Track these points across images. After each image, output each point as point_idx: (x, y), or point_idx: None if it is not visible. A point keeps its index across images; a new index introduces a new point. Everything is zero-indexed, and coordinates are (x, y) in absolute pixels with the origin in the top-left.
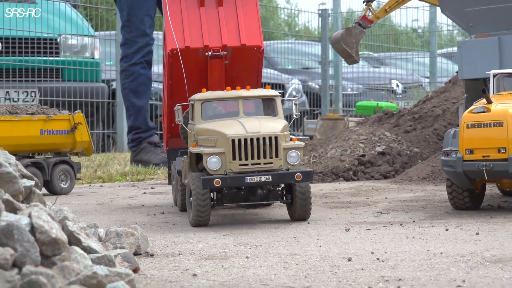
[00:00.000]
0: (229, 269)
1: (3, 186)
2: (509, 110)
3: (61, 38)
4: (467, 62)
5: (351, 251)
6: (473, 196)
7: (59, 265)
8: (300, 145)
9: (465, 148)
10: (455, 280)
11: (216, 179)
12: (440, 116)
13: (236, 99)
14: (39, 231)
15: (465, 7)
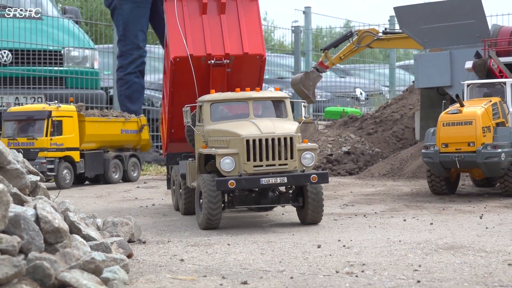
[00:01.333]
0: (213, 255)
1: (12, 181)
2: (477, 111)
3: (65, 50)
4: (422, 73)
5: (321, 239)
6: (449, 184)
7: (61, 251)
8: (314, 147)
9: (441, 142)
10: (412, 265)
11: (231, 181)
12: (399, 120)
13: (246, 100)
14: (43, 221)
15: (421, 25)
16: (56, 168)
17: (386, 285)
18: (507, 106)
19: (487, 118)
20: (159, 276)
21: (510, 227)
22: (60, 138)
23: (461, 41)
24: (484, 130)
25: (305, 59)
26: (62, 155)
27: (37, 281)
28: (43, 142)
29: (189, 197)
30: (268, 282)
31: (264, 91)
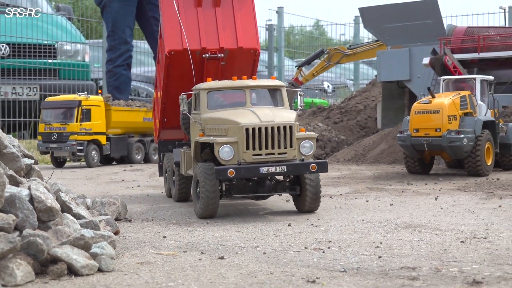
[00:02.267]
0: (193, 232)
1: (8, 164)
2: (444, 102)
3: (58, 44)
4: (384, 68)
5: (291, 218)
6: (422, 165)
7: (53, 228)
8: (313, 136)
9: (413, 128)
10: (374, 242)
11: (230, 169)
12: (362, 111)
13: (243, 89)
14: (36, 201)
15: (383, 24)
16: (85, 150)
17: (350, 260)
18: (475, 99)
19: (454, 108)
20: (143, 251)
21: (463, 208)
22: (88, 124)
23: (419, 39)
24: (450, 118)
25: (278, 55)
26: (90, 139)
27: (30, 256)
28: (73, 127)
29: (183, 185)
30: (243, 257)
31: (261, 80)
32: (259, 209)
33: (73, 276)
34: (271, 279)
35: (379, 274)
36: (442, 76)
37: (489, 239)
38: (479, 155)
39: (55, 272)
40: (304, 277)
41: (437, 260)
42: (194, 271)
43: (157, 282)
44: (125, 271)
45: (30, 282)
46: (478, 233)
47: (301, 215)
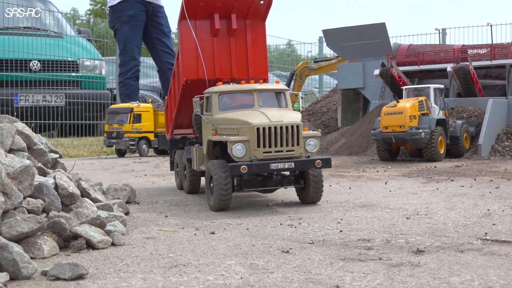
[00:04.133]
0: (189, 212)
1: (37, 158)
2: (406, 105)
3: (80, 61)
4: (343, 78)
5: (268, 200)
6: (391, 153)
7: (74, 211)
8: (317, 134)
9: (383, 125)
10: (336, 218)
11: (243, 166)
12: (326, 113)
13: (251, 92)
14: (60, 188)
15: (342, 43)
16: (136, 144)
17: (317, 234)
18: (430, 103)
19: (414, 110)
20: (148, 228)
21: (407, 190)
22: (139, 125)
23: (371, 55)
24: (411, 117)
25: None
26: (141, 136)
27: (55, 233)
28: (127, 127)
29: (193, 179)
30: (230, 232)
31: (267, 84)
32: (243, 196)
33: (90, 250)
34: (253, 250)
35: (341, 245)
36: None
37: (429, 216)
38: (434, 146)
39: (76, 246)
40: (280, 248)
41: (387, 233)
42: (190, 244)
43: (159, 254)
44: (134, 244)
45: (55, 255)
46: (420, 210)
47: (277, 198)
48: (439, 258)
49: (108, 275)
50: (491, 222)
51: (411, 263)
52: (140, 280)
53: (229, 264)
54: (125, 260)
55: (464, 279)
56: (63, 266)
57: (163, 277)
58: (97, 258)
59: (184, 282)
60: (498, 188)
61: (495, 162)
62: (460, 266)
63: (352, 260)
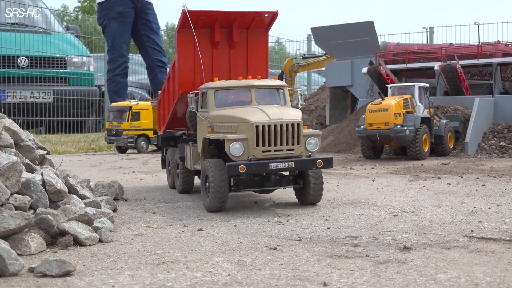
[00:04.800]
0: (177, 209)
1: (24, 154)
2: (391, 103)
3: (68, 57)
4: (331, 75)
5: (256, 197)
6: (375, 151)
7: (62, 207)
8: (318, 133)
9: (367, 123)
10: (323, 216)
11: (241, 165)
12: (314, 110)
13: (249, 88)
14: (48, 185)
15: (330, 41)
16: (135, 141)
17: (305, 231)
18: (415, 101)
19: (399, 108)
20: (136, 225)
21: (394, 187)
22: (138, 123)
23: (359, 53)
24: (396, 115)
25: None
26: (140, 133)
27: (43, 230)
28: (125, 125)
29: (187, 178)
30: (218, 229)
31: (265, 80)
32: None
33: (78, 246)
34: (241, 246)
35: (328, 242)
36: (389, 84)
37: (416, 213)
38: (418, 144)
39: (63, 243)
40: (267, 245)
41: (374, 230)
42: (178, 241)
43: (147, 250)
44: (121, 241)
45: (42, 252)
46: (407, 208)
47: (264, 196)
48: (425, 255)
49: (96, 271)
50: (478, 220)
51: (398, 260)
52: (127, 277)
53: (217, 261)
54: (113, 256)
55: (450, 276)
56: (50, 263)
57: (150, 274)
58: (84, 255)
59: (171, 279)
60: (484, 186)
61: (481, 160)
62: (447, 263)
63: (340, 257)
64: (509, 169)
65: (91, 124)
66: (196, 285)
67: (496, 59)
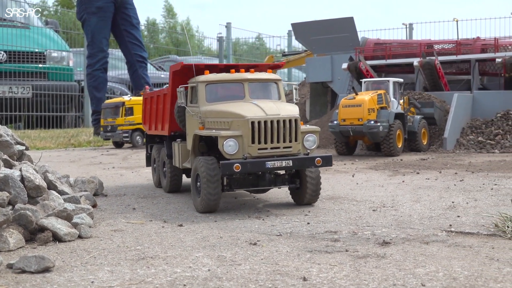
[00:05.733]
0: (157, 205)
1: (3, 150)
2: (365, 98)
3: (47, 52)
4: (312, 71)
5: (236, 193)
6: (348, 147)
7: (41, 203)
8: (316, 129)
9: (341, 118)
10: (303, 211)
11: (236, 164)
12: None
13: (242, 82)
14: (27, 180)
15: (311, 37)
16: (130, 136)
17: (285, 226)
18: (389, 96)
19: (373, 103)
20: (116, 221)
21: (374, 183)
22: (132, 118)
23: (339, 48)
24: (369, 111)
25: (226, 61)
26: (134, 128)
27: (21, 226)
28: (120, 120)
29: (174, 176)
30: (198, 225)
31: (258, 73)
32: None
33: (57, 242)
34: (221, 242)
35: (308, 237)
36: (363, 79)
37: (395, 208)
38: (392, 139)
39: (42, 239)
40: (247, 240)
41: (354, 225)
42: (158, 236)
43: (127, 246)
44: (101, 237)
45: (21, 248)
46: (386, 203)
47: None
48: (404, 249)
49: (75, 267)
50: (456, 214)
51: (377, 254)
52: (107, 272)
53: (197, 256)
54: (92, 252)
55: (429, 270)
56: (29, 259)
57: (130, 269)
58: (63, 251)
59: (151, 275)
60: (462, 181)
61: (459, 155)
62: (425, 258)
63: (319, 252)
64: (486, 164)
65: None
66: (176, 280)
67: (474, 55)
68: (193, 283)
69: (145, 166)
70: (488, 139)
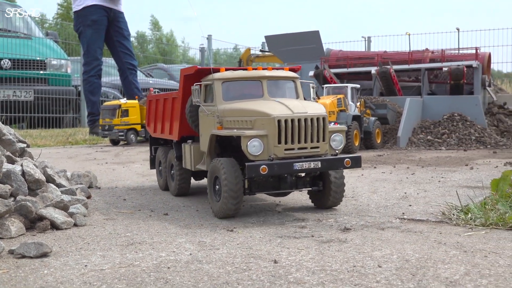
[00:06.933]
0: (145, 196)
1: (5, 147)
2: (326, 102)
3: (47, 60)
4: None
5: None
6: None
7: (40, 195)
8: (343, 128)
9: None
10: (274, 201)
11: (263, 166)
12: None
13: (260, 79)
14: (27, 174)
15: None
16: (125, 135)
17: (258, 215)
18: (347, 100)
19: (333, 106)
20: (108, 210)
21: None
22: (127, 118)
23: (307, 58)
24: (330, 113)
25: None
26: (129, 127)
27: (22, 215)
28: (116, 121)
29: (183, 179)
30: (182, 214)
31: (276, 70)
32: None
33: (54, 230)
34: (201, 229)
35: (278, 224)
36: (324, 85)
37: (355, 198)
38: (350, 139)
39: (41, 227)
40: (225, 227)
41: (319, 214)
42: (146, 224)
43: (117, 233)
44: (94, 225)
45: (22, 235)
46: (348, 193)
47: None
48: (363, 235)
49: (70, 253)
50: (408, 204)
51: (339, 239)
52: (99, 257)
53: (180, 242)
54: (86, 239)
55: (384, 253)
56: (28, 245)
57: (120, 254)
58: (60, 238)
59: (139, 258)
60: (413, 174)
61: (411, 152)
62: (381, 242)
63: (288, 238)
64: (434, 160)
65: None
66: (161, 263)
67: (424, 65)
68: (176, 265)
69: (135, 162)
70: (436, 138)
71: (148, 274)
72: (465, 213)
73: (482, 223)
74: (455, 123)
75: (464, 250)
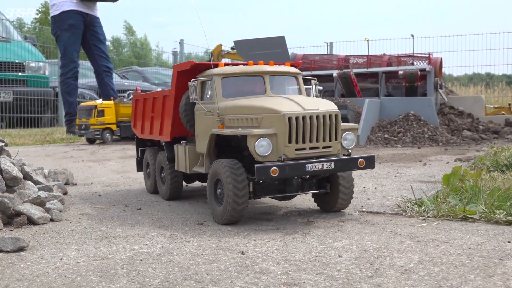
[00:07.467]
0: (120, 191)
1: None
2: None
3: (26, 62)
4: None
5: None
6: None
7: (18, 192)
8: (355, 126)
9: None
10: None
11: (273, 168)
12: None
13: (261, 75)
14: (5, 172)
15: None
16: (101, 134)
17: None
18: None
19: None
20: (84, 206)
21: None
22: (103, 118)
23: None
24: None
25: None
26: (105, 127)
27: (0, 211)
28: (92, 121)
29: (175, 182)
30: (154, 208)
31: (278, 66)
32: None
33: (32, 225)
34: (173, 222)
35: (246, 217)
36: None
37: None
38: None
39: (18, 222)
40: (196, 221)
41: (284, 208)
42: (120, 219)
43: (92, 227)
44: (70, 220)
45: (0, 230)
46: None
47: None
48: (325, 227)
49: (46, 247)
50: (367, 197)
51: (303, 231)
52: (74, 250)
53: (152, 235)
54: (62, 233)
55: (344, 243)
56: (5, 240)
57: (95, 247)
58: (37, 232)
59: (113, 251)
60: (372, 170)
61: (369, 149)
62: (342, 233)
63: (255, 230)
64: (391, 156)
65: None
66: (134, 256)
67: (382, 68)
68: (148, 258)
69: (110, 160)
70: (392, 136)
71: (122, 266)
72: (419, 206)
73: (434, 215)
74: (410, 122)
75: (418, 240)
